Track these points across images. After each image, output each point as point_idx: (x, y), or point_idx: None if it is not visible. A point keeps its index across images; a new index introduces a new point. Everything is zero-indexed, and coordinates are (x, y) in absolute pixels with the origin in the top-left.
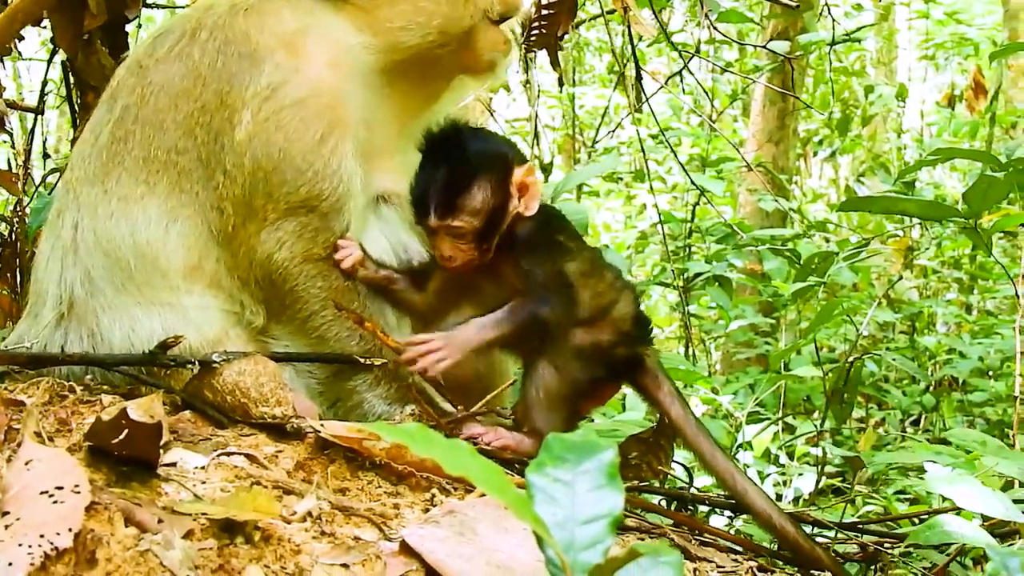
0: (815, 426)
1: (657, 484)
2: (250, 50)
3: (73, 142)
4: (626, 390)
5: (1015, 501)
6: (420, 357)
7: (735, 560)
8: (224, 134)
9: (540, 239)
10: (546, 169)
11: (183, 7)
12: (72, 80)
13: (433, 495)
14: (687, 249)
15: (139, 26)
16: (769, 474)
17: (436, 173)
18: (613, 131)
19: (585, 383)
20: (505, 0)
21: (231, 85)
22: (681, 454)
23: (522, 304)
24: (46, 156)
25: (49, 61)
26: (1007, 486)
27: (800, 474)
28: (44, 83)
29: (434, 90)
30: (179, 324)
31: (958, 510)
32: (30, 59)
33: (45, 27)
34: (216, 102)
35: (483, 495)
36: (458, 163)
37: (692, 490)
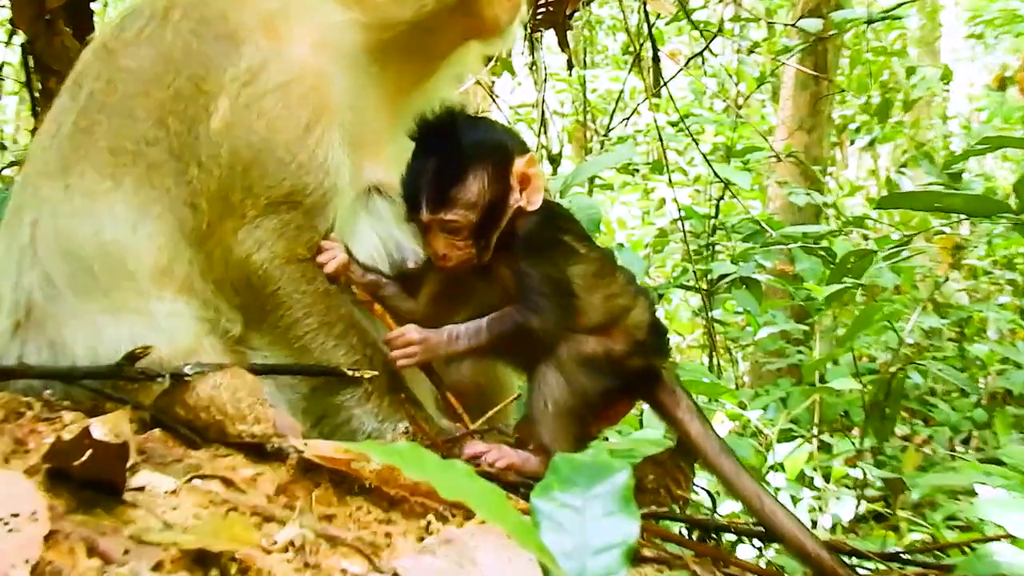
0: (854, 445)
1: (677, 510)
2: (227, 31)
3: (33, 132)
4: (643, 406)
5: None
6: (394, 348)
7: None
8: (199, 123)
9: (542, 239)
10: (554, 160)
11: None
12: (32, 64)
13: (429, 522)
14: (711, 248)
15: (105, 5)
16: (803, 498)
17: (428, 163)
18: (628, 118)
19: (596, 396)
20: None
21: (207, 70)
22: (705, 477)
23: (509, 313)
24: (2, 147)
25: (7, 43)
26: None
27: (837, 498)
28: (0, 67)
29: (430, 68)
30: (148, 333)
31: (1012, 538)
32: None
33: (3, 6)
34: (190, 88)
35: (483, 522)
36: (452, 152)
37: (716, 517)
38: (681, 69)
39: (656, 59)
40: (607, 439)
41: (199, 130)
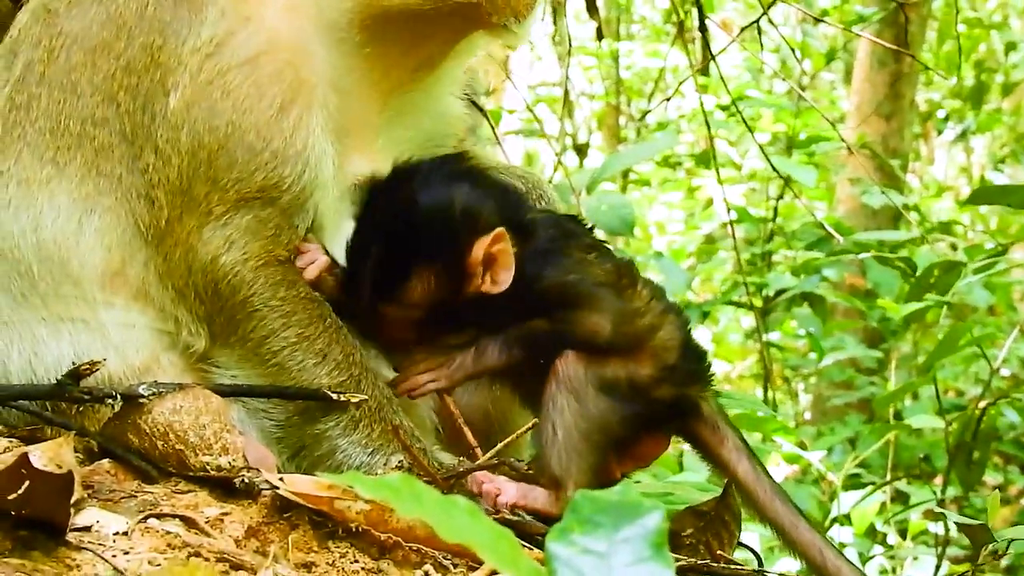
0: (935, 494)
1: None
2: None
3: None
4: (684, 445)
5: None
6: (410, 380)
7: None
8: (155, 101)
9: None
10: (581, 150)
11: None
12: None
13: (426, 573)
14: (767, 257)
15: None
16: (874, 557)
17: (374, 243)
18: (669, 99)
19: (618, 427)
20: None
21: (164, 38)
22: (755, 531)
23: (539, 323)
24: None
25: None
26: None
27: (915, 558)
28: None
29: (431, 57)
30: (96, 347)
31: None
32: None
33: None
34: (145, 59)
35: (492, 573)
36: (400, 239)
37: None
38: (733, 40)
39: (703, 29)
40: (638, 483)
41: (155, 109)
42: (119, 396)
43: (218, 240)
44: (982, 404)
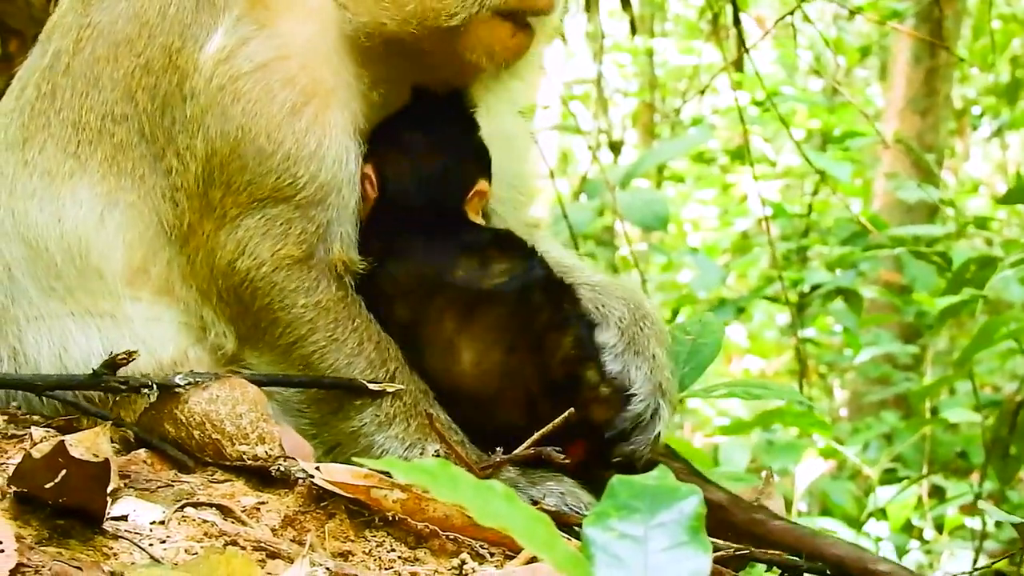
0: (971, 489)
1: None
2: None
3: None
4: (719, 438)
5: None
6: None
7: None
8: (174, 105)
9: None
10: (615, 147)
11: None
12: None
13: (463, 562)
14: (802, 253)
15: None
16: (910, 551)
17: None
18: (703, 92)
19: None
20: None
21: (183, 40)
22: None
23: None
24: None
25: None
26: None
27: (951, 553)
28: None
29: (457, 71)
30: (124, 342)
31: None
32: None
33: None
34: (163, 60)
35: (530, 560)
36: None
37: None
38: (767, 33)
39: (738, 23)
40: None
41: (175, 114)
42: (155, 386)
43: (232, 244)
44: (1019, 398)
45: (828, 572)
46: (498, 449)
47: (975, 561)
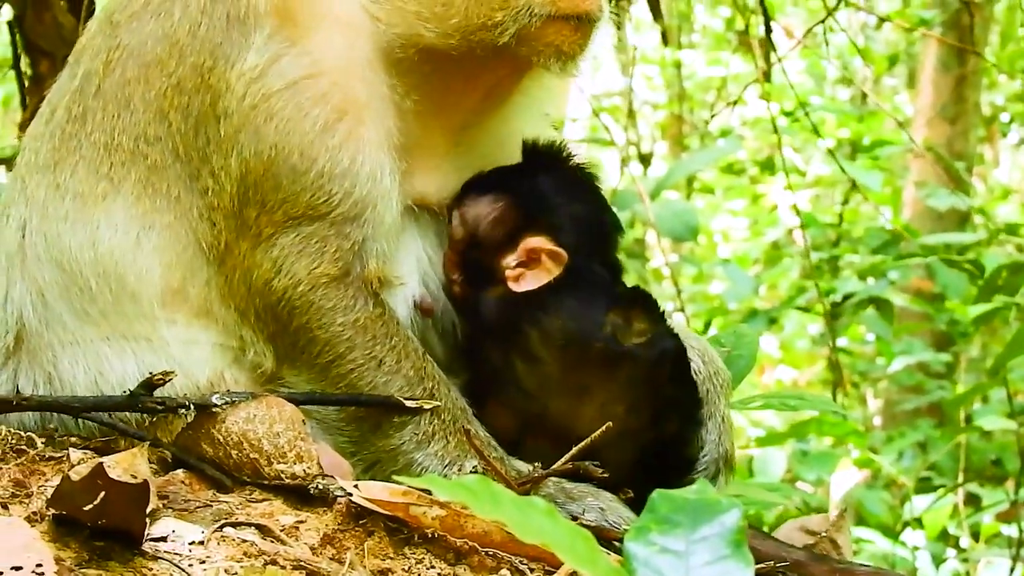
0: (1007, 496)
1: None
2: (240, 13)
3: (22, 126)
4: (752, 450)
5: None
6: None
7: None
8: (207, 125)
9: None
10: (645, 159)
11: None
12: (20, 44)
13: None
14: (834, 262)
15: None
16: (947, 559)
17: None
18: (734, 103)
19: None
20: None
21: (214, 59)
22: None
23: None
24: None
25: None
26: None
27: (988, 561)
28: None
29: (495, 83)
30: (160, 365)
31: None
32: None
33: None
34: (195, 80)
35: (570, 575)
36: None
37: None
38: (798, 43)
39: (768, 32)
40: None
41: (208, 134)
42: (192, 406)
43: (268, 263)
44: None
45: None
46: (536, 464)
47: (1012, 569)
